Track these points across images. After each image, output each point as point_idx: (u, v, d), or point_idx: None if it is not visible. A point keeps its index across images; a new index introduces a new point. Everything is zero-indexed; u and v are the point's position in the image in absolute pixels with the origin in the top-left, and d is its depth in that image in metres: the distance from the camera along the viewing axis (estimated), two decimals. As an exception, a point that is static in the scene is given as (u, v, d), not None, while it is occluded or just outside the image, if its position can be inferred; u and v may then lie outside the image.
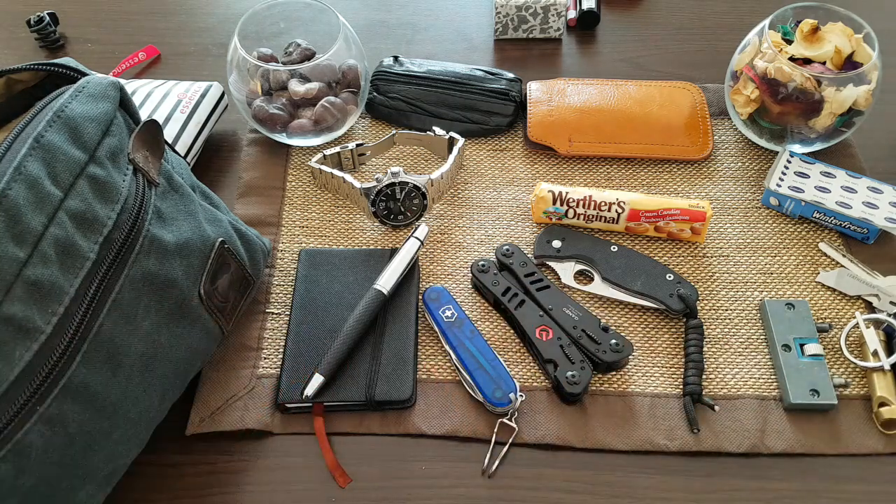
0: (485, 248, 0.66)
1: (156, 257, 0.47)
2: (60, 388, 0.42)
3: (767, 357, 0.59)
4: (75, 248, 0.42)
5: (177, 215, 0.50)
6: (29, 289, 0.39)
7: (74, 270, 0.42)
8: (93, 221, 0.43)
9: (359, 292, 0.61)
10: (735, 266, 0.65)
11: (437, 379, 0.58)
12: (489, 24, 0.86)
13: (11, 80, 0.49)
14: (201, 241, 0.51)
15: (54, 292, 0.41)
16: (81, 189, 0.43)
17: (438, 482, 0.54)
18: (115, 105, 0.47)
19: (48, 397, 0.41)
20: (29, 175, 0.40)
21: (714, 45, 0.83)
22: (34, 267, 0.40)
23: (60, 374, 0.41)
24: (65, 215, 0.42)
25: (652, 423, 0.56)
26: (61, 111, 0.43)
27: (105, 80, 0.47)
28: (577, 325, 0.58)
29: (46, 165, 0.41)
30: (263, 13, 0.70)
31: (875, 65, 0.64)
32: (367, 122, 0.76)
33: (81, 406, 0.43)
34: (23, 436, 0.40)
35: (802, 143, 0.69)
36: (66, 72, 0.48)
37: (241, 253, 0.56)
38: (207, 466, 0.54)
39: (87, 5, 0.89)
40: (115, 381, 0.45)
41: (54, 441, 0.42)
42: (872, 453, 0.55)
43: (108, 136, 0.46)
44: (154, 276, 0.47)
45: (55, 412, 0.42)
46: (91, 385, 0.43)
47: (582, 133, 0.72)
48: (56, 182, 0.41)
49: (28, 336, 0.39)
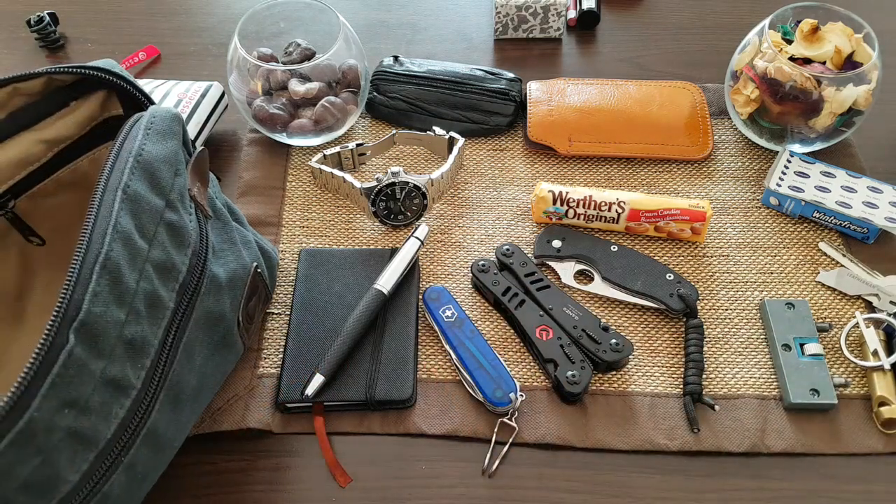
0: (485, 247, 0.66)
1: (213, 295, 0.46)
2: (141, 437, 0.42)
3: (767, 357, 0.59)
4: (159, 299, 0.41)
5: (223, 246, 0.49)
6: (126, 347, 0.39)
7: (158, 322, 0.41)
8: (171, 269, 0.42)
9: (359, 292, 0.61)
10: (735, 266, 0.65)
11: (437, 379, 0.58)
12: (489, 24, 0.86)
13: (50, 79, 0.47)
14: (243, 270, 0.50)
15: (144, 347, 0.40)
16: (161, 238, 0.42)
17: (438, 482, 0.54)
18: (181, 141, 0.46)
19: (132, 447, 0.41)
20: (123, 231, 0.39)
21: (714, 45, 0.83)
22: (130, 325, 0.39)
23: (143, 423, 0.41)
24: (150, 267, 0.40)
25: (652, 423, 0.56)
26: (140, 156, 0.41)
27: (170, 113, 0.45)
28: (577, 325, 0.59)
29: (134, 218, 0.40)
30: (263, 13, 0.70)
31: (875, 65, 0.64)
32: (367, 122, 0.76)
33: (150, 449, 0.43)
34: (109, 487, 0.40)
35: (802, 143, 0.69)
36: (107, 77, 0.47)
37: (265, 273, 0.56)
38: (207, 466, 0.54)
39: (87, 5, 0.89)
40: (173, 418, 0.45)
41: (126, 485, 0.42)
42: (872, 453, 0.55)
43: (177, 175, 0.44)
44: (211, 313, 0.47)
45: (133, 460, 0.42)
46: (159, 427, 0.43)
47: (582, 133, 0.72)
48: (143, 235, 0.40)
49: (123, 393, 0.39)
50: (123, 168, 0.40)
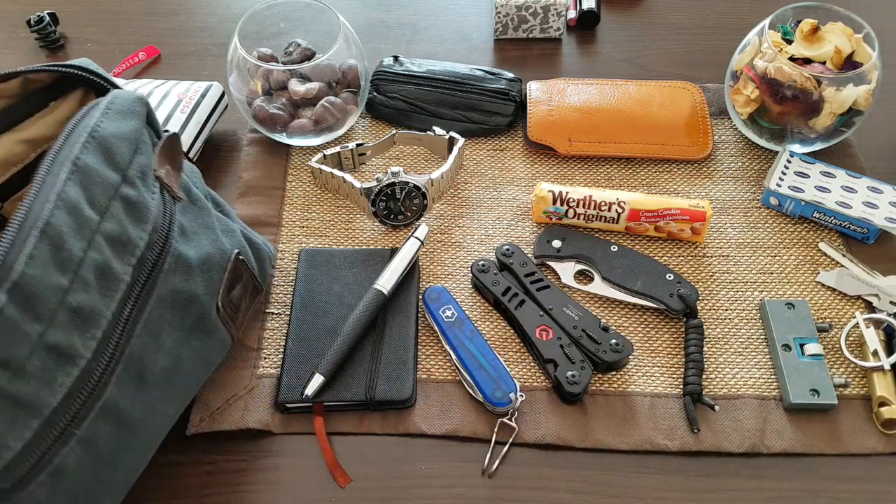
0: (485, 247, 0.66)
1: (181, 274, 0.46)
2: (97, 410, 0.41)
3: (767, 357, 0.59)
4: (111, 271, 0.41)
5: (197, 229, 0.49)
6: (71, 315, 0.39)
7: (111, 294, 0.41)
8: (126, 243, 0.43)
9: (359, 292, 0.61)
10: (735, 266, 0.65)
11: (437, 379, 0.58)
12: (489, 24, 0.86)
13: (27, 80, 0.48)
14: (220, 254, 0.51)
15: (93, 317, 0.40)
16: (116, 211, 0.42)
17: (438, 482, 0.54)
18: (144, 121, 0.46)
19: (85, 420, 0.41)
20: (69, 200, 0.39)
21: (714, 45, 0.83)
22: (75, 293, 0.39)
23: (97, 396, 0.41)
24: (101, 238, 0.41)
25: (652, 423, 0.56)
26: (95, 131, 0.42)
27: (132, 95, 0.46)
28: (577, 325, 0.58)
29: (84, 189, 0.40)
30: (263, 13, 0.70)
31: (875, 65, 0.64)
32: (367, 122, 0.76)
33: (111, 425, 0.43)
34: (61, 460, 0.40)
35: (802, 143, 0.69)
36: (83, 74, 0.47)
37: (252, 262, 0.56)
38: (207, 466, 0.54)
39: (87, 5, 0.89)
40: (140, 397, 0.45)
41: (86, 461, 0.42)
42: (872, 453, 0.55)
43: (137, 154, 0.45)
44: (179, 293, 0.47)
45: (89, 434, 0.42)
46: (120, 404, 0.43)
47: (582, 133, 0.72)
48: (93, 206, 0.41)
49: (70, 362, 0.39)
50: (76, 142, 0.41)
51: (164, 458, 0.55)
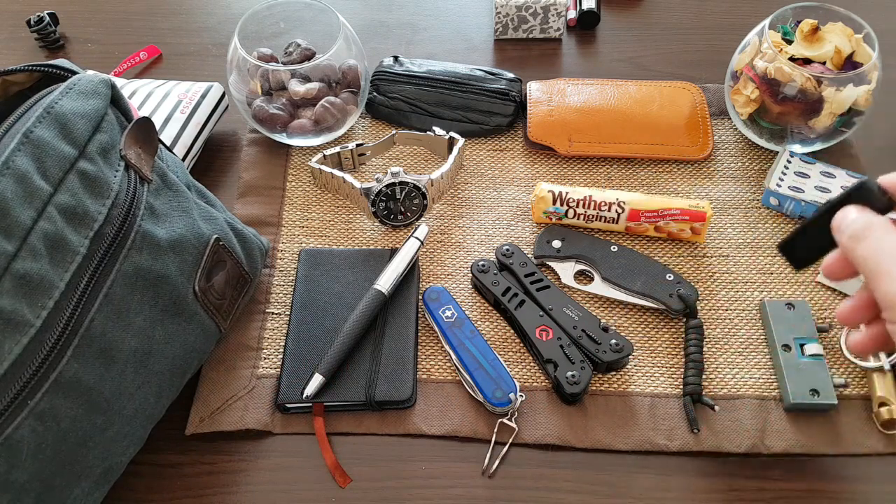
0: (485, 248, 0.66)
1: (148, 253, 0.47)
2: (51, 382, 0.42)
3: (767, 357, 0.59)
4: (65, 242, 0.42)
5: (170, 212, 0.50)
6: (18, 282, 0.39)
7: (64, 264, 0.42)
8: (83, 216, 0.43)
9: (359, 292, 0.61)
10: (735, 266, 0.65)
11: (437, 379, 0.58)
12: (489, 24, 0.86)
13: (6, 82, 0.49)
14: (195, 237, 0.51)
15: (44, 286, 0.41)
16: (71, 184, 0.43)
17: (438, 482, 0.54)
18: (107, 102, 0.47)
19: (38, 391, 0.41)
20: (17, 169, 0.40)
21: (714, 45, 0.83)
22: (23, 261, 0.40)
23: (51, 368, 0.42)
24: (54, 210, 0.42)
25: (652, 423, 0.56)
26: (51, 107, 0.43)
27: (96, 77, 0.47)
28: (577, 325, 0.58)
29: (36, 160, 0.41)
30: (263, 13, 0.70)
31: (875, 65, 0.64)
32: (367, 122, 0.76)
33: (74, 401, 0.43)
34: (13, 431, 0.40)
35: (802, 143, 0.69)
36: (60, 73, 0.48)
37: (237, 250, 0.56)
38: (207, 466, 0.54)
39: (87, 5, 0.89)
40: (108, 376, 0.45)
41: (47, 437, 0.42)
42: (872, 453, 0.55)
43: (98, 132, 0.46)
44: (147, 271, 0.47)
45: (46, 407, 0.42)
46: (83, 380, 0.43)
47: (582, 133, 0.72)
48: (45, 177, 0.42)
49: (17, 329, 0.40)
50: (31, 117, 0.43)
51: (164, 458, 0.55)
